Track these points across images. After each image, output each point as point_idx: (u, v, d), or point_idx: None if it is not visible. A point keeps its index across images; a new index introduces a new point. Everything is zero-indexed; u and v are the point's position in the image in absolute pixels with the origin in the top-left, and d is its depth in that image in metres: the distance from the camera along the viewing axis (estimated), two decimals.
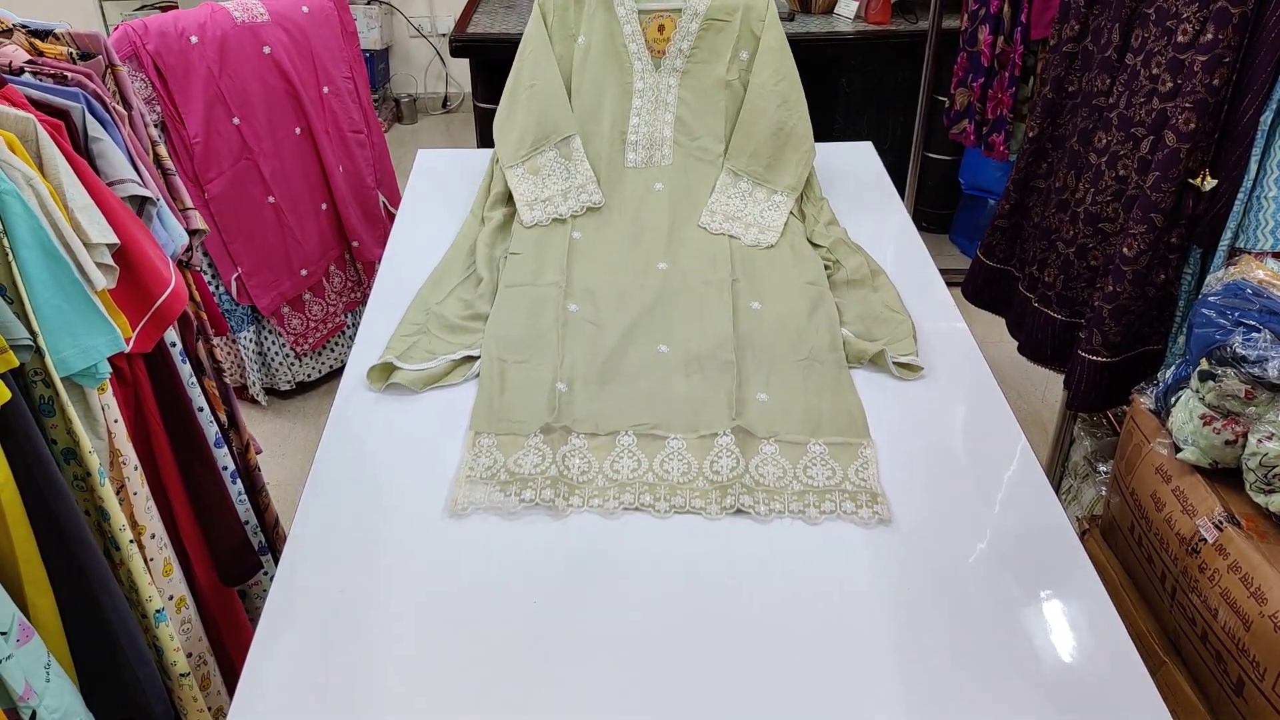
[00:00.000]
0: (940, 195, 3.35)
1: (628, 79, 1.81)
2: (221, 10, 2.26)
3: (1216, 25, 1.47)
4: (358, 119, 2.56)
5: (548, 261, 1.64)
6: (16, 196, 0.98)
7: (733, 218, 1.75)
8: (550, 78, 1.80)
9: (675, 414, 1.34)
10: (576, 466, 1.26)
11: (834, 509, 1.21)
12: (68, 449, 1.12)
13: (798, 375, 1.41)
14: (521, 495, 1.22)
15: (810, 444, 1.30)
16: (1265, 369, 1.21)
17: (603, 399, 1.37)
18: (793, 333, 1.49)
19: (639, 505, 1.22)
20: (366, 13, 4.32)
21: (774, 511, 1.21)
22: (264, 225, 2.42)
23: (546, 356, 1.44)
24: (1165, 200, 1.58)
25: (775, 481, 1.25)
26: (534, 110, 1.80)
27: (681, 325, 1.51)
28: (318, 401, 2.70)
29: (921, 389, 1.43)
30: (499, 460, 1.27)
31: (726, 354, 1.43)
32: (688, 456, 1.28)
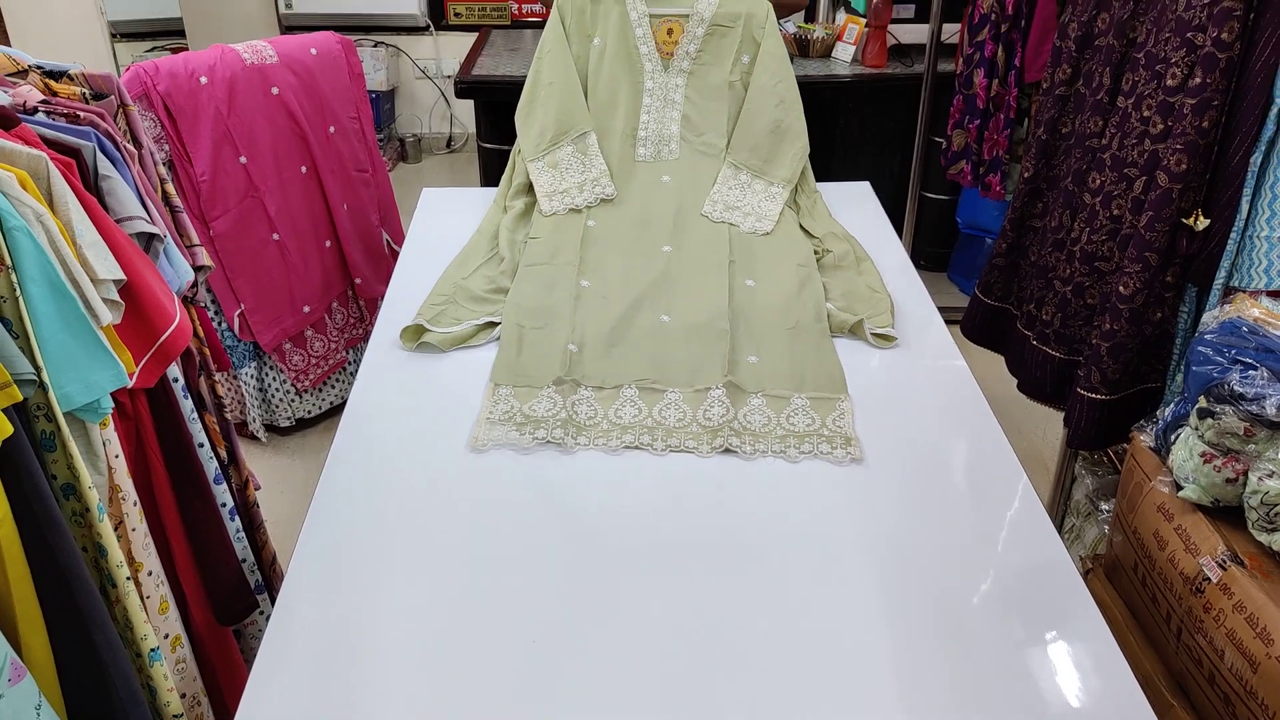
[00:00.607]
0: (938, 234, 3.38)
1: (639, 79, 1.96)
2: (231, 52, 2.30)
3: (1204, 70, 1.49)
4: (363, 158, 2.59)
5: (564, 245, 1.79)
6: (26, 233, 0.99)
7: (732, 207, 1.89)
8: (568, 77, 1.95)
9: (674, 371, 1.50)
10: (584, 412, 1.42)
11: (811, 450, 1.36)
12: (67, 484, 1.12)
13: (785, 341, 1.57)
14: (535, 434, 1.37)
15: (794, 397, 1.45)
16: (1263, 406, 1.21)
17: (609, 359, 1.52)
18: (782, 306, 1.65)
19: (638, 444, 1.37)
20: (373, 55, 4.38)
21: (758, 451, 1.36)
22: (268, 262, 2.43)
23: (560, 323, 1.59)
24: (1159, 239, 1.60)
25: (760, 427, 1.40)
26: (552, 107, 1.94)
27: (682, 299, 1.66)
28: (317, 438, 2.70)
29: (922, 426, 1.43)
30: (515, 406, 1.43)
31: (722, 323, 1.58)
32: (683, 406, 1.43)
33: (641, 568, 1.18)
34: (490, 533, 1.23)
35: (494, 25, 4.25)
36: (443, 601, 1.14)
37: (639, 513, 1.27)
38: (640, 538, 1.22)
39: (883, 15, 2.93)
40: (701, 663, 1.06)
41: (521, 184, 1.95)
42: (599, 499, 1.30)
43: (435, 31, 4.56)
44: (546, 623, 1.11)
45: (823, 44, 3.06)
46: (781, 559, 1.20)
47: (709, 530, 1.24)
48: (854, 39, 3.01)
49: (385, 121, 4.51)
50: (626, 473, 1.34)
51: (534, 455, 1.36)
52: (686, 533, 1.23)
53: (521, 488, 1.31)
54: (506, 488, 1.31)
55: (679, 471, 1.34)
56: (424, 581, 1.17)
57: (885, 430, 1.42)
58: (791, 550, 1.21)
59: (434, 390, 1.51)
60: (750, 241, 1.83)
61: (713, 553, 1.20)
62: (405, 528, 1.24)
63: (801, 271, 1.73)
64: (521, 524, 1.25)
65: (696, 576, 1.17)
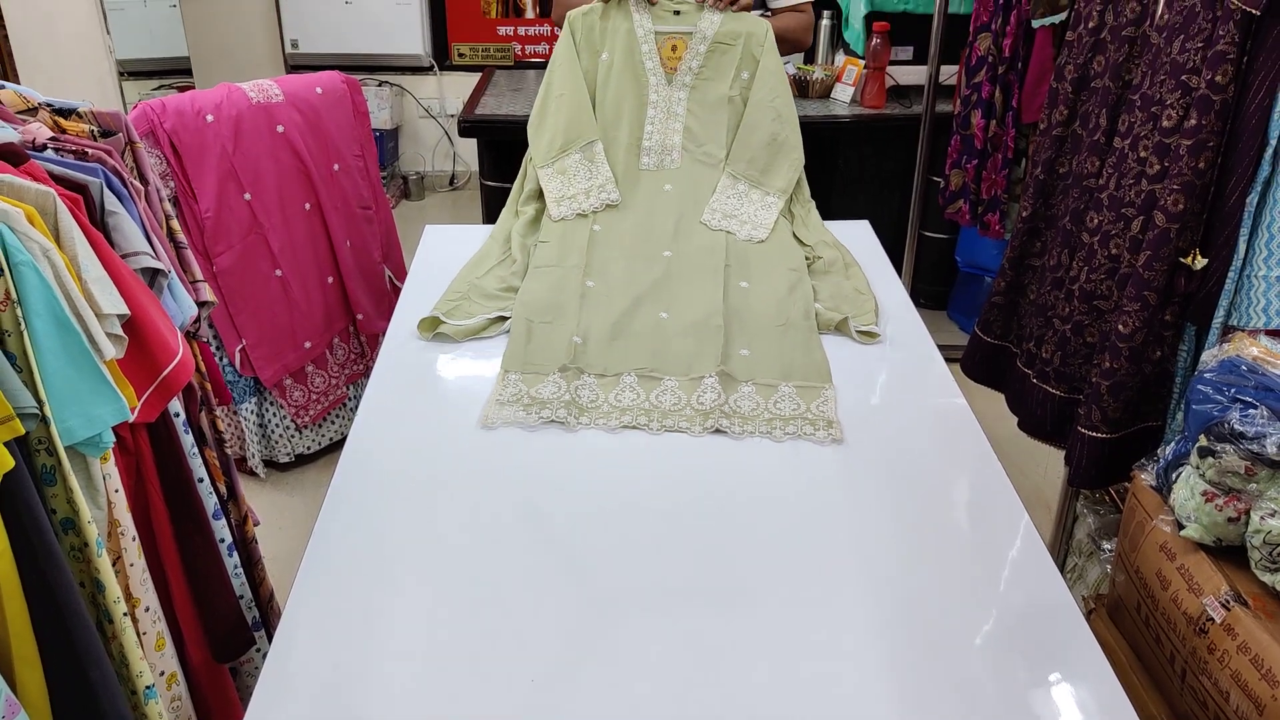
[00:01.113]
0: (937, 272, 3.40)
1: (644, 92, 2.06)
2: (238, 91, 2.33)
3: (1199, 111, 1.51)
4: (366, 195, 2.61)
5: (571, 248, 1.90)
6: (33, 268, 1.00)
7: (730, 215, 1.99)
8: (577, 89, 2.05)
9: (671, 362, 1.61)
10: (586, 396, 1.53)
11: (796, 431, 1.47)
12: (67, 519, 1.11)
13: (775, 337, 1.68)
14: (540, 414, 1.49)
15: (781, 385, 1.57)
16: (1264, 445, 1.21)
17: (611, 350, 1.63)
18: (773, 306, 1.76)
19: (636, 425, 1.48)
20: (378, 94, 4.43)
21: (746, 432, 1.47)
22: (270, 298, 2.45)
23: (567, 318, 1.70)
24: (1157, 279, 1.60)
25: (749, 411, 1.51)
26: (562, 117, 2.04)
27: (681, 298, 1.77)
28: (316, 474, 2.69)
29: (923, 465, 1.43)
30: (523, 390, 1.54)
31: (716, 320, 1.69)
32: (679, 392, 1.54)
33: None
34: (490, 573, 1.23)
35: (497, 66, 4.30)
36: (442, 642, 1.13)
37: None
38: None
39: (881, 57, 2.97)
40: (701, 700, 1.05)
41: (532, 190, 2.06)
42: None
43: (439, 71, 4.62)
44: (549, 660, 1.10)
45: (822, 85, 3.10)
46: (781, 598, 1.19)
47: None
48: (853, 80, 3.05)
49: (389, 159, 4.55)
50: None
51: (535, 483, 1.36)
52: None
53: (522, 523, 1.30)
54: (505, 528, 1.30)
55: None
56: (423, 620, 1.16)
57: (886, 468, 1.42)
58: (792, 588, 1.20)
59: (434, 429, 1.51)
60: (745, 248, 1.93)
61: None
62: (404, 566, 1.23)
63: (792, 275, 1.84)
64: (523, 558, 1.24)
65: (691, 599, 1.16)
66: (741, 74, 2.06)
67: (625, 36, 2.05)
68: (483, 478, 1.39)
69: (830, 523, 1.31)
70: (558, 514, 1.32)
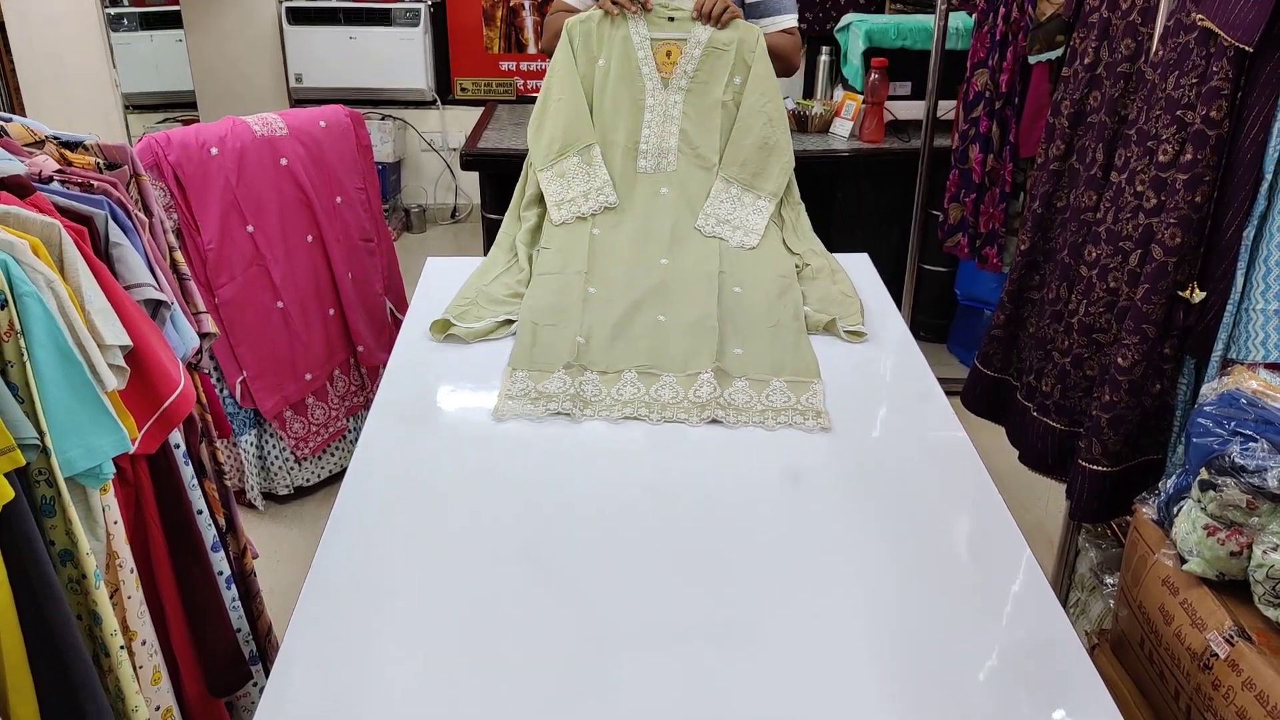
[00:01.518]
0: (937, 305, 3.41)
1: (640, 96, 2.12)
2: (242, 124, 2.35)
3: (1195, 146, 1.53)
4: (369, 227, 2.62)
5: (573, 255, 1.97)
6: (37, 299, 1.01)
7: (724, 221, 2.07)
8: (574, 94, 2.12)
9: (669, 360, 1.69)
10: (590, 391, 1.62)
11: (786, 421, 1.56)
12: (65, 550, 1.11)
13: (767, 337, 1.77)
14: (547, 407, 1.57)
15: (773, 380, 1.66)
16: (1265, 479, 1.21)
17: (613, 349, 1.72)
18: (765, 308, 1.85)
19: (636, 416, 1.57)
20: (381, 128, 4.47)
21: (740, 422, 1.56)
22: (271, 330, 2.45)
23: (570, 321, 1.78)
24: (1156, 312, 1.61)
25: (743, 404, 1.60)
26: (560, 122, 2.11)
27: (677, 302, 1.85)
28: (314, 507, 2.68)
29: (924, 499, 1.43)
30: (530, 385, 1.63)
31: (711, 322, 1.77)
32: (676, 387, 1.63)
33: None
34: (490, 609, 1.22)
35: (499, 100, 4.35)
36: (441, 677, 1.12)
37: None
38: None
39: (879, 92, 3.00)
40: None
41: (533, 195, 2.12)
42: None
43: (442, 106, 4.67)
44: (549, 695, 1.09)
45: (821, 120, 3.13)
46: (782, 633, 1.18)
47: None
48: (851, 115, 3.08)
49: (391, 192, 4.58)
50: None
51: (534, 521, 1.35)
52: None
53: (522, 559, 1.30)
54: (505, 563, 1.30)
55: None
56: (422, 655, 1.15)
57: (886, 502, 1.41)
58: (793, 622, 1.19)
59: (434, 462, 1.50)
60: (738, 255, 2.01)
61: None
62: (403, 600, 1.23)
63: (782, 281, 1.94)
64: (522, 594, 1.23)
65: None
66: (734, 79, 2.12)
67: (622, 43, 2.11)
68: (482, 512, 1.38)
69: (831, 556, 1.31)
70: (557, 550, 1.31)
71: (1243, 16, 1.42)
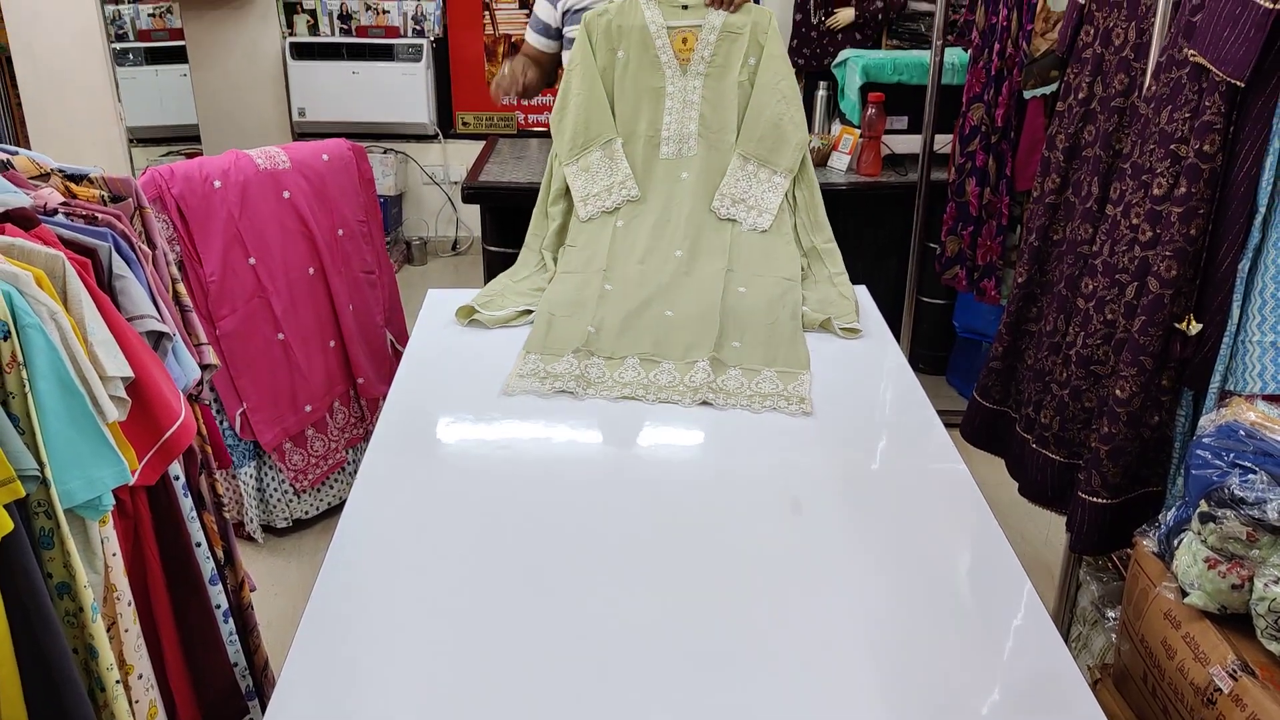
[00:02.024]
0: (935, 338, 3.41)
1: (660, 84, 2.19)
2: (245, 158, 2.37)
3: (1189, 180, 1.54)
4: (370, 260, 2.64)
5: (595, 253, 2.10)
6: (40, 330, 1.02)
7: (739, 200, 2.16)
8: (594, 89, 2.19)
9: (670, 349, 1.84)
10: (594, 373, 1.77)
11: (772, 405, 1.69)
12: (63, 583, 1.11)
13: (764, 332, 1.90)
14: (554, 385, 1.72)
15: (764, 370, 1.79)
16: (1264, 511, 1.21)
17: (620, 338, 1.87)
18: (764, 307, 1.97)
19: (634, 396, 1.71)
20: (382, 161, 4.51)
21: (729, 405, 1.69)
22: (272, 362, 2.46)
23: (584, 313, 1.93)
24: (1153, 344, 1.62)
25: (734, 389, 1.73)
26: (581, 116, 2.19)
27: (684, 300, 1.98)
28: (313, 540, 2.67)
29: (924, 531, 1.43)
30: (540, 366, 1.78)
31: (713, 317, 1.91)
32: (674, 373, 1.78)
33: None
34: (489, 642, 1.21)
35: (501, 134, 4.39)
36: (441, 713, 1.11)
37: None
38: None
39: (876, 126, 3.03)
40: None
41: (559, 189, 2.22)
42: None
43: (444, 139, 4.71)
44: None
45: (818, 154, 3.15)
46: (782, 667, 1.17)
47: (704, 581, 1.32)
48: (849, 149, 3.11)
49: (393, 225, 4.61)
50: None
51: (534, 552, 1.34)
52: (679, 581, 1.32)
53: (521, 589, 1.29)
54: (504, 596, 1.29)
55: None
56: (421, 692, 1.14)
57: (886, 534, 1.41)
58: (793, 655, 1.19)
59: (434, 493, 1.50)
60: (747, 254, 2.11)
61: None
62: (401, 635, 1.22)
63: (785, 284, 2.05)
64: (522, 624, 1.23)
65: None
66: (749, 60, 2.19)
67: (639, 33, 2.18)
68: (482, 546, 1.38)
69: (831, 588, 1.30)
70: (559, 583, 1.31)
71: (1234, 52, 1.44)
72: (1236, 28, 1.43)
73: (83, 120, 3.17)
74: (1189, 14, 1.56)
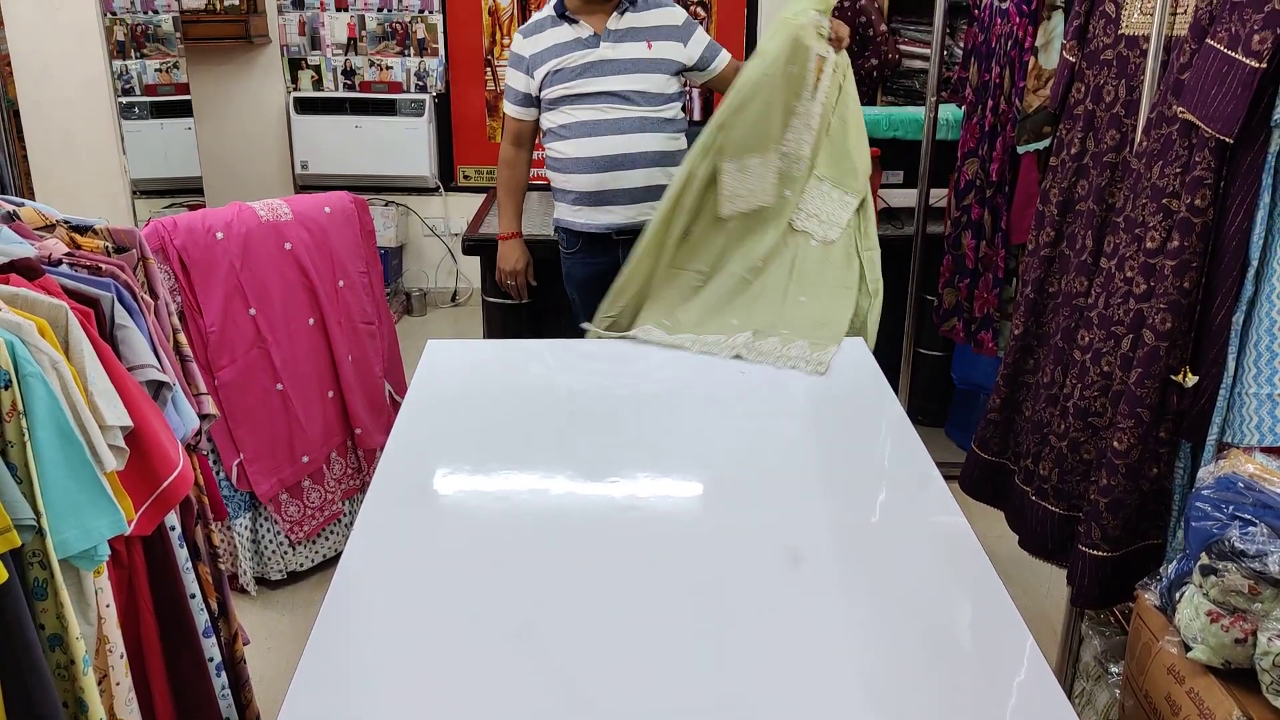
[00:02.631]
0: (933, 390, 3.42)
1: (795, 103, 2.30)
2: (248, 209, 2.40)
3: (1181, 233, 1.56)
4: (370, 311, 2.65)
5: (706, 256, 2.29)
6: (40, 379, 1.02)
7: (812, 215, 2.32)
8: (777, 98, 2.27)
9: (727, 330, 2.11)
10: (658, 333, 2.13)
11: (791, 365, 1.99)
12: (55, 635, 1.09)
13: (811, 330, 2.13)
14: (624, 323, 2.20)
15: (799, 341, 2.06)
16: (1266, 563, 1.20)
17: (689, 321, 2.16)
18: (819, 316, 2.18)
19: (681, 346, 2.09)
20: (384, 213, 4.56)
21: (760, 360, 2.00)
22: (270, 412, 2.46)
23: (672, 302, 2.23)
24: (1150, 396, 1.62)
25: (767, 350, 2.03)
26: (762, 121, 2.25)
27: (753, 309, 2.19)
28: (308, 593, 2.64)
29: (924, 586, 1.41)
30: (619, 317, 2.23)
31: (772, 319, 2.14)
32: (720, 335, 2.09)
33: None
34: (486, 701, 1.20)
35: None
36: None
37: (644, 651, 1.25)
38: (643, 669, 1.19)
39: (873, 181, 3.06)
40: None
41: (695, 199, 2.27)
42: (600, 620, 1.28)
43: (445, 192, 4.76)
44: None
45: None
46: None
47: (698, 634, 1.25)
48: None
49: (393, 276, 4.64)
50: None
51: (532, 605, 1.33)
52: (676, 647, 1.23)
53: (517, 646, 1.28)
54: (500, 652, 1.28)
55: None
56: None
57: (887, 590, 1.40)
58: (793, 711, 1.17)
59: (431, 547, 1.49)
60: (815, 271, 2.28)
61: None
62: (396, 691, 1.20)
63: (844, 292, 2.25)
64: (518, 683, 1.21)
65: None
66: (832, 95, 2.35)
67: (806, 54, 2.28)
68: (479, 599, 1.37)
69: (830, 643, 1.29)
70: (557, 637, 1.30)
71: (1222, 109, 1.47)
72: (1224, 86, 1.46)
73: (88, 172, 3.21)
74: (1178, 72, 1.60)
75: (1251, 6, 1.42)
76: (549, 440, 1.77)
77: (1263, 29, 1.40)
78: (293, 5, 4.53)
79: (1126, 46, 1.82)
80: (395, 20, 4.54)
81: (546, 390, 2.04)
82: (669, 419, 1.87)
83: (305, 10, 4.54)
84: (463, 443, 1.75)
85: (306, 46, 4.58)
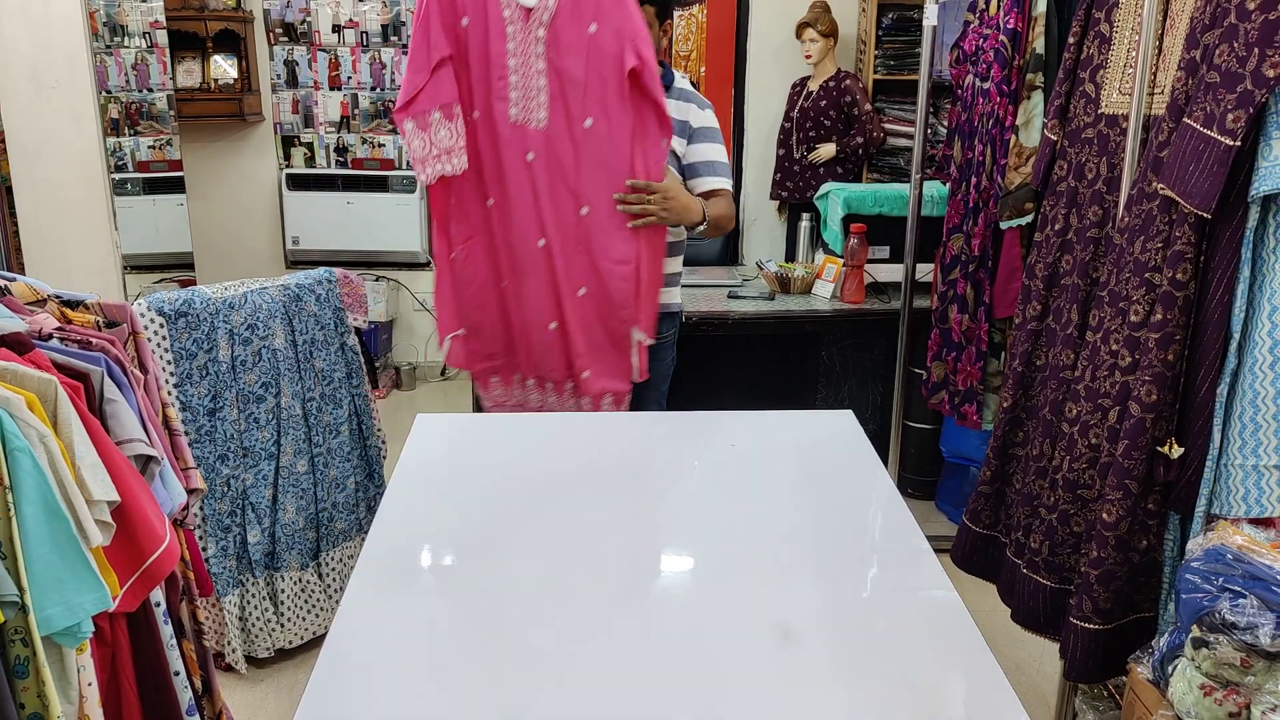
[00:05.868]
0: (923, 463, 3.42)
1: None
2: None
3: (1164, 307, 1.59)
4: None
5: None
6: (28, 454, 1.02)
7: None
8: None
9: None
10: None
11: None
12: (35, 714, 1.07)
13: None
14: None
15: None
16: (1257, 636, 1.20)
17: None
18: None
19: None
20: (374, 289, 4.59)
21: None
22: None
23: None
24: (1137, 467, 1.63)
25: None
26: None
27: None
28: (293, 671, 2.59)
29: (916, 661, 1.40)
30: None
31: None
32: None
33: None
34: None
35: None
36: None
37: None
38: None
39: (859, 256, 3.12)
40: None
41: None
42: (593, 696, 1.25)
43: (435, 267, 4.80)
44: None
45: (803, 282, 3.23)
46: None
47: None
48: (832, 277, 3.19)
49: (383, 350, 4.65)
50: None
51: (518, 691, 1.31)
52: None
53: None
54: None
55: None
56: None
57: (878, 665, 1.38)
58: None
59: (415, 628, 1.47)
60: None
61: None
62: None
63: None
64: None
65: None
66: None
67: None
68: (464, 682, 1.34)
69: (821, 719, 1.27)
70: (542, 715, 1.27)
71: (1199, 186, 1.51)
72: (1201, 163, 1.51)
73: (79, 247, 3.24)
74: (1157, 150, 1.64)
75: (1225, 86, 1.47)
76: (537, 516, 1.76)
77: (1236, 108, 1.45)
78: (286, 84, 4.63)
79: (1107, 125, 1.88)
80: (388, 99, 4.63)
81: (536, 465, 2.03)
82: (659, 493, 1.86)
83: (299, 89, 4.63)
84: (451, 519, 1.73)
85: (300, 124, 4.67)
